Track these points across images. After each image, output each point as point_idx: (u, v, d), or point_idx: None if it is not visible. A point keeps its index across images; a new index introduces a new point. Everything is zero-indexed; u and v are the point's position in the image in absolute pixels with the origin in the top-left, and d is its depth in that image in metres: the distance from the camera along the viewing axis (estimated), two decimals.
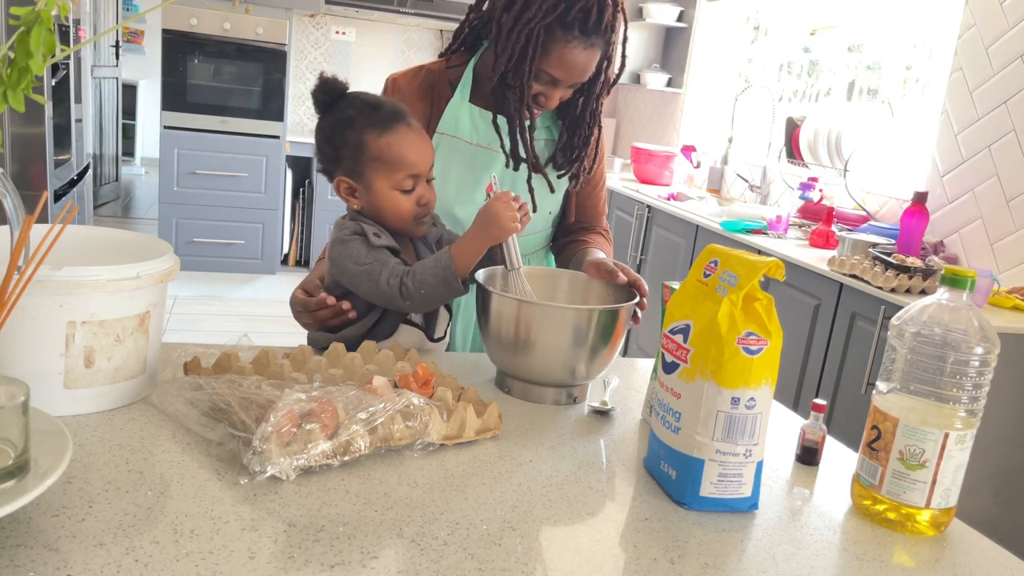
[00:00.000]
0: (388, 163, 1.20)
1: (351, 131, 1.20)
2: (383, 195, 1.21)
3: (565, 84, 1.33)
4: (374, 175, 1.21)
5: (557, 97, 1.35)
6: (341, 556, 0.71)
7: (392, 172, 1.20)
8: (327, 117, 1.24)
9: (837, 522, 0.90)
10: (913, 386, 0.87)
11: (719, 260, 0.89)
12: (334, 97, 1.23)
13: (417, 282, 1.14)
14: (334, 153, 1.23)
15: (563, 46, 1.28)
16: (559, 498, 0.87)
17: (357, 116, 1.21)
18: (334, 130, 1.22)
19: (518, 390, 1.14)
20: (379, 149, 1.20)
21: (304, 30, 5.32)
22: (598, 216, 1.58)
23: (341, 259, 1.19)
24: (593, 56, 1.31)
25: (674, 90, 4.73)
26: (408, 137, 1.21)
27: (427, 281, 1.14)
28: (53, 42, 0.72)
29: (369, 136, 1.20)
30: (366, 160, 1.20)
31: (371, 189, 1.21)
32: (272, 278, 4.97)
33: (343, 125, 1.21)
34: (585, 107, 1.42)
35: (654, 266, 3.74)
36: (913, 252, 2.66)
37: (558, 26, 1.26)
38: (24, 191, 1.06)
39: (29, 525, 0.69)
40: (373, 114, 1.21)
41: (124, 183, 7.21)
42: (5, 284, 0.74)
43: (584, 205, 1.56)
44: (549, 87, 1.33)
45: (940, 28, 3.19)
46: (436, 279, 1.14)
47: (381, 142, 1.19)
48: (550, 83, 1.33)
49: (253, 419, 0.86)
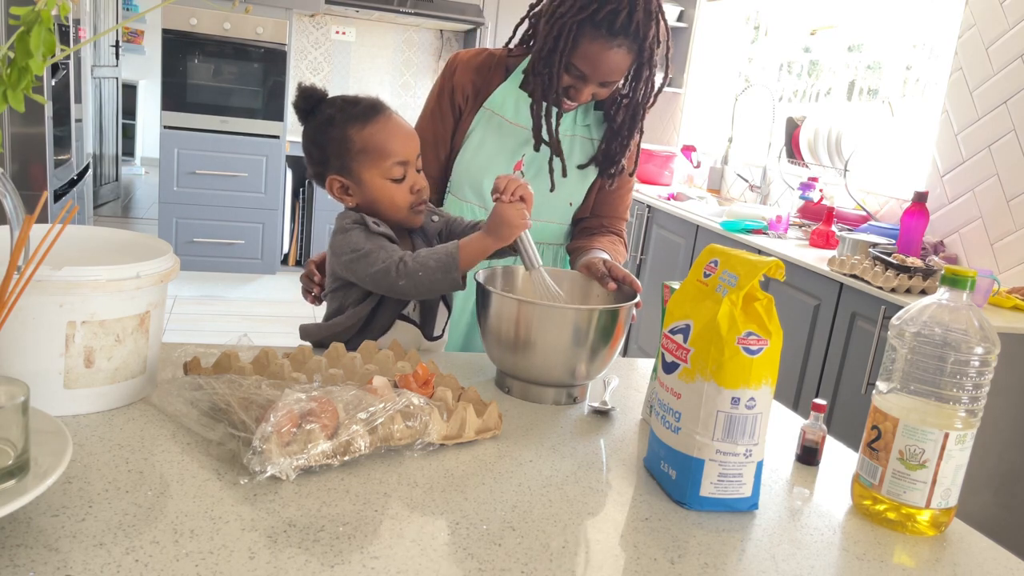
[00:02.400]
0: (374, 153, 1.23)
1: (334, 128, 1.23)
2: (375, 187, 1.24)
3: (594, 81, 1.40)
4: (363, 168, 1.23)
5: (587, 93, 1.42)
6: (341, 556, 0.71)
7: (379, 161, 1.23)
8: (310, 123, 1.27)
9: (837, 522, 0.90)
10: (913, 386, 0.87)
11: (719, 260, 0.89)
12: (313, 103, 1.26)
13: (418, 263, 1.15)
14: (321, 154, 1.25)
15: (590, 42, 1.35)
16: (559, 498, 0.87)
17: (337, 114, 1.24)
18: (318, 132, 1.25)
19: (518, 390, 1.14)
20: (363, 141, 1.22)
21: (304, 30, 5.32)
22: (617, 217, 1.59)
23: (340, 247, 1.21)
24: (621, 56, 1.36)
25: (674, 90, 4.73)
26: (389, 126, 1.24)
27: (428, 264, 1.15)
28: (53, 42, 0.72)
29: (352, 130, 1.23)
30: (353, 154, 1.23)
31: (363, 183, 1.24)
32: (272, 278, 4.97)
33: (326, 125, 1.24)
34: (627, 113, 1.48)
35: (654, 266, 3.74)
36: (913, 252, 2.66)
37: (588, 23, 1.34)
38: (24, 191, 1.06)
39: (29, 525, 0.69)
40: (352, 109, 1.24)
41: (124, 183, 7.21)
42: (5, 284, 0.74)
43: (605, 202, 1.58)
44: (579, 81, 1.40)
45: (940, 28, 3.19)
46: (438, 264, 1.14)
47: (364, 134, 1.23)
48: (580, 78, 1.40)
49: (253, 419, 0.86)
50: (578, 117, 1.52)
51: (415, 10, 4.90)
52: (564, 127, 1.51)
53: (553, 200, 1.51)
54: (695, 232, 3.38)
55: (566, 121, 1.51)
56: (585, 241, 1.52)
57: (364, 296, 1.25)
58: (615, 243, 1.53)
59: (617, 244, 1.53)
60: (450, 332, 1.50)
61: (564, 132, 1.51)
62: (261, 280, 4.92)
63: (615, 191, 1.57)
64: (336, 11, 5.00)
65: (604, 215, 1.57)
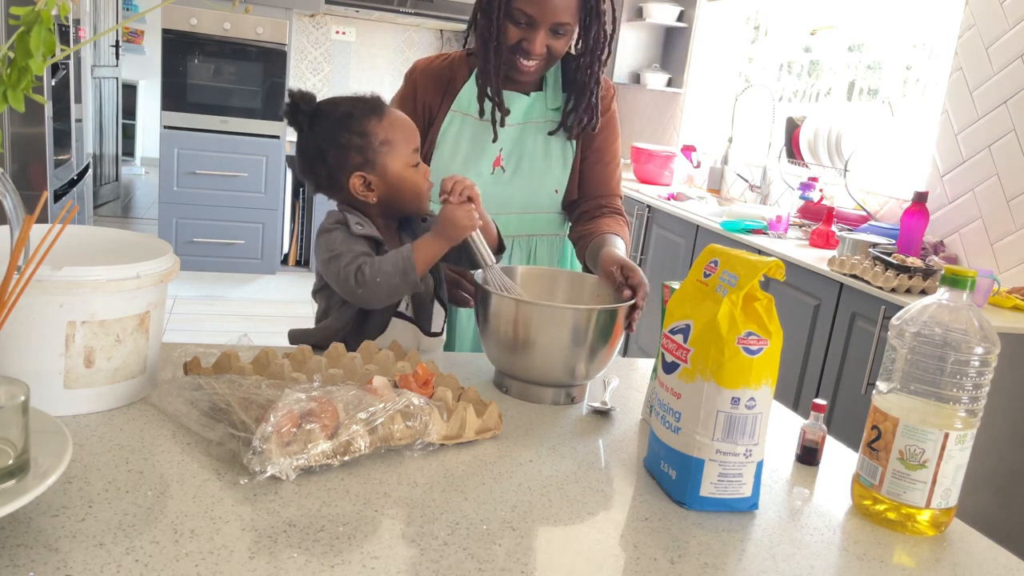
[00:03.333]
0: (396, 142, 1.24)
1: (354, 123, 1.23)
2: (400, 176, 1.25)
3: (544, 24, 1.37)
4: (387, 159, 1.24)
5: (539, 42, 1.38)
6: (341, 556, 0.71)
7: (402, 149, 1.25)
8: (315, 128, 1.24)
9: (837, 522, 0.90)
10: (913, 386, 0.87)
11: (719, 260, 0.89)
12: (313, 107, 1.26)
13: (375, 270, 1.15)
14: (339, 155, 1.23)
15: None
16: (559, 498, 0.87)
17: (353, 110, 1.24)
18: (332, 133, 1.23)
19: (516, 390, 1.14)
20: (384, 132, 1.23)
21: (304, 30, 5.32)
22: (610, 194, 1.56)
23: (320, 247, 1.22)
24: None
25: (674, 90, 4.73)
26: (399, 116, 1.27)
27: (385, 270, 1.15)
28: (53, 42, 0.72)
29: (371, 124, 1.23)
30: (375, 147, 1.23)
31: (387, 173, 1.24)
32: (272, 278, 4.97)
33: (341, 125, 1.23)
34: (584, 68, 1.47)
35: (654, 266, 3.74)
36: (913, 252, 2.66)
37: None
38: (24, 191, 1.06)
39: (29, 525, 0.69)
40: (364, 105, 1.25)
41: (124, 183, 7.20)
42: (5, 284, 0.74)
43: (594, 181, 1.55)
44: (529, 30, 1.38)
45: (940, 28, 3.19)
46: (395, 268, 1.15)
47: (384, 124, 1.24)
48: (528, 25, 1.37)
49: (253, 419, 0.86)
50: (548, 101, 1.51)
51: (415, 10, 4.90)
52: (535, 113, 1.51)
53: (539, 190, 1.51)
54: (695, 232, 3.38)
55: (536, 107, 1.50)
56: (589, 226, 1.49)
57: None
58: (619, 223, 1.50)
59: (621, 224, 1.50)
60: (461, 332, 1.50)
61: (535, 118, 1.51)
62: (261, 280, 4.92)
63: (602, 168, 1.55)
64: (336, 11, 5.00)
65: (597, 195, 1.54)
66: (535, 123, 1.50)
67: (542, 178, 1.50)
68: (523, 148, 1.50)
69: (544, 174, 1.50)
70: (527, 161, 1.50)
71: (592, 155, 1.54)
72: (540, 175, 1.50)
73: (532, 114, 1.51)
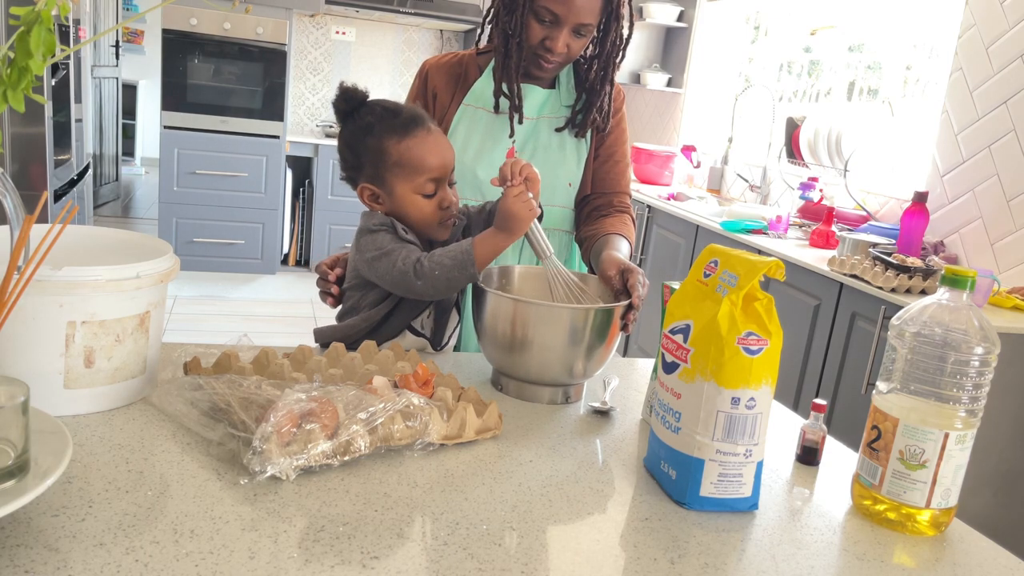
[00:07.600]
0: (408, 167, 1.22)
1: (371, 138, 1.23)
2: (405, 200, 1.23)
3: (568, 23, 1.36)
4: (396, 180, 1.22)
5: (562, 41, 1.38)
6: (341, 556, 0.71)
7: (413, 176, 1.22)
8: (348, 125, 1.26)
9: (837, 522, 0.90)
10: (913, 386, 0.87)
11: (719, 260, 0.89)
12: (354, 105, 1.25)
13: (434, 262, 1.15)
14: (356, 160, 1.25)
15: None
16: (559, 498, 0.87)
17: (376, 123, 1.23)
18: (355, 138, 1.24)
19: (513, 389, 1.14)
20: (399, 154, 1.22)
21: (304, 30, 5.32)
22: (621, 192, 1.57)
23: (365, 246, 1.21)
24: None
25: (674, 90, 4.73)
26: (428, 141, 1.23)
27: (444, 263, 1.14)
28: (53, 42, 0.72)
29: (389, 142, 1.22)
30: (387, 166, 1.22)
31: (393, 194, 1.23)
32: (272, 278, 4.97)
33: (363, 132, 1.23)
34: (599, 69, 1.48)
35: (654, 266, 3.74)
36: (913, 252, 2.66)
37: None
38: (24, 191, 1.06)
39: (29, 525, 0.69)
40: (392, 120, 1.23)
41: (124, 183, 7.20)
42: (5, 284, 0.74)
43: (604, 179, 1.56)
44: (552, 29, 1.37)
45: (940, 28, 3.19)
46: (454, 262, 1.14)
47: (401, 147, 1.22)
48: (553, 23, 1.36)
49: (253, 419, 0.86)
50: (562, 97, 1.52)
51: (415, 10, 4.90)
52: (550, 108, 1.51)
53: (553, 182, 1.51)
54: (695, 232, 3.38)
55: (551, 102, 1.51)
56: (595, 226, 1.49)
57: (380, 300, 1.25)
58: (624, 223, 1.50)
59: (626, 223, 1.51)
60: (467, 333, 1.50)
61: (549, 112, 1.52)
62: (261, 280, 4.92)
63: (612, 166, 1.56)
64: (336, 11, 5.00)
65: (607, 191, 1.55)
66: (549, 118, 1.51)
67: (555, 171, 1.50)
68: (537, 141, 1.50)
69: (558, 167, 1.51)
70: (541, 153, 1.50)
71: (603, 153, 1.56)
72: (554, 168, 1.50)
73: (547, 109, 1.52)
